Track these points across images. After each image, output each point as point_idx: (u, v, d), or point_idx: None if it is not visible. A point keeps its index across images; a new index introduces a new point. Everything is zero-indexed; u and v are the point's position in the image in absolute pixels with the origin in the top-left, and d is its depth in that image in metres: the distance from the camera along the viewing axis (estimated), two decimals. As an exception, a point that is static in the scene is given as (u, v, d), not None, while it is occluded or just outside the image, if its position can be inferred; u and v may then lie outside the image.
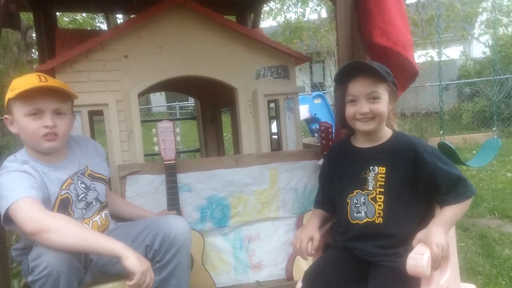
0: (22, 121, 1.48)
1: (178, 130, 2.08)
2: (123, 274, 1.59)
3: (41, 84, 1.47)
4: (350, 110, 1.49)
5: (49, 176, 1.52)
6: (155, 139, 2.01)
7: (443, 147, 2.93)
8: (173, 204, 1.98)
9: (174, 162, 2.00)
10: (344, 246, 1.54)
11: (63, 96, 1.54)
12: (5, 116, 1.55)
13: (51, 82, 1.52)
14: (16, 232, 3.01)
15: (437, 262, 1.34)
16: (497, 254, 2.67)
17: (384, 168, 1.48)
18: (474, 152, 6.02)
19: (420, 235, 1.40)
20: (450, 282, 1.47)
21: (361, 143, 1.57)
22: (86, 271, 1.48)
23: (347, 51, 2.12)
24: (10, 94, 1.49)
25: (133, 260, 1.35)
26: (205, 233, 2.14)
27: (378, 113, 1.46)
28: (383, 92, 1.47)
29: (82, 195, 1.59)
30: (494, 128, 3.40)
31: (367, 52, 2.09)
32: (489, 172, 5.12)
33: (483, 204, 3.78)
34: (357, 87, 1.47)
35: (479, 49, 13.21)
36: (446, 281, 1.45)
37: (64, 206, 1.53)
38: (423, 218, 1.48)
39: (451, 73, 10.71)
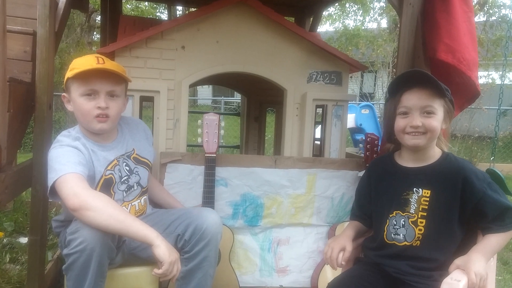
0: (77, 100, 1.55)
1: (222, 124, 2.10)
2: (152, 260, 1.62)
3: (98, 66, 1.53)
4: (400, 122, 1.43)
5: (97, 155, 1.58)
6: (199, 130, 2.04)
7: (492, 174, 2.78)
8: (209, 197, 2.01)
9: (215, 155, 2.02)
10: (375, 262, 1.50)
11: (118, 78, 1.59)
12: (63, 94, 1.63)
13: (108, 64, 1.58)
14: (56, 204, 3.18)
15: None
16: (537, 294, 2.50)
17: (429, 191, 1.42)
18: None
19: (458, 261, 1.34)
20: (484, 316, 1.39)
21: (406, 161, 1.50)
22: (118, 251, 1.52)
23: (407, 63, 2.06)
24: (69, 73, 1.56)
25: (163, 249, 1.37)
26: (235, 230, 2.16)
27: (430, 128, 1.39)
28: (439, 108, 1.40)
29: (125, 177, 1.64)
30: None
31: (428, 67, 2.01)
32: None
33: (528, 240, 3.54)
34: (411, 99, 1.41)
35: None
36: (481, 314, 1.38)
37: (107, 185, 1.59)
38: (463, 243, 1.42)
39: (511, 99, 10.12)
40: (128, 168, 1.66)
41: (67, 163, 1.45)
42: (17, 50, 1.84)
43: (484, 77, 8.95)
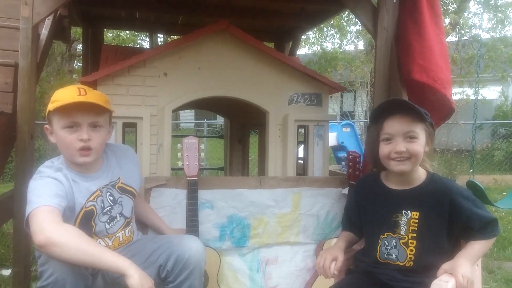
0: (59, 133, 1.54)
1: (203, 147, 2.11)
2: None
3: (79, 99, 1.51)
4: (384, 148, 1.47)
5: (79, 186, 1.56)
6: (179, 154, 2.05)
7: (472, 186, 2.87)
8: (192, 220, 1.99)
9: (196, 178, 2.02)
10: (368, 270, 1.53)
11: (101, 109, 1.58)
12: (46, 126, 1.62)
13: (90, 95, 1.56)
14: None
15: None
16: (523, 301, 2.56)
17: (417, 213, 1.47)
18: (504, 193, 5.81)
19: (446, 265, 1.39)
20: (471, 322, 1.43)
21: (393, 184, 1.54)
22: (96, 276, 1.49)
23: (384, 85, 2.14)
24: (50, 106, 1.54)
25: (136, 279, 1.36)
26: (223, 252, 2.16)
27: (414, 153, 1.43)
28: (421, 132, 1.44)
29: (108, 208, 1.62)
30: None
31: (404, 87, 2.09)
32: (519, 215, 4.92)
33: (510, 247, 3.65)
34: (393, 126, 1.45)
35: (518, 91, 12.86)
36: (468, 319, 1.41)
37: (87, 217, 1.57)
38: (450, 252, 1.47)
39: (486, 113, 10.46)
40: (112, 198, 1.64)
41: (44, 195, 1.44)
42: (-1, 81, 1.86)
43: (459, 93, 9.25)
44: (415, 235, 1.46)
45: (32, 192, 1.46)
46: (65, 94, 1.54)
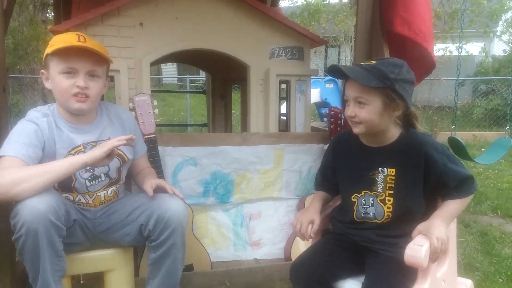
0: (56, 77, 1.50)
1: (155, 103, 2.01)
2: (119, 243, 1.65)
3: (79, 44, 1.48)
4: (345, 110, 1.46)
5: (62, 135, 1.53)
6: (132, 113, 1.92)
7: (453, 142, 2.92)
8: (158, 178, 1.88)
9: (154, 136, 1.94)
10: (343, 231, 1.55)
11: (99, 59, 1.54)
12: (42, 71, 1.57)
13: (89, 43, 1.52)
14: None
15: (436, 255, 1.34)
16: (496, 252, 2.67)
17: (394, 170, 1.45)
18: (483, 149, 5.96)
19: (421, 226, 1.39)
20: (447, 276, 1.48)
21: (368, 141, 1.52)
22: (73, 228, 1.49)
23: (366, 37, 2.08)
24: (48, 49, 1.50)
25: (96, 153, 1.41)
26: (207, 207, 2.17)
27: (362, 119, 1.40)
28: (372, 99, 1.38)
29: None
30: (506, 127, 3.37)
31: (385, 41, 2.04)
32: (496, 171, 5.08)
33: (486, 202, 3.77)
34: (348, 89, 1.43)
35: (500, 47, 12.92)
36: (443, 274, 1.46)
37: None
38: (425, 210, 1.48)
39: (468, 69, 10.52)
40: None
41: (16, 143, 1.43)
42: (-37, 30, 1.73)
43: (442, 49, 9.22)
44: (392, 192, 1.45)
45: (9, 136, 1.46)
46: (64, 39, 1.51)
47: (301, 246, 2.16)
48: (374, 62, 1.41)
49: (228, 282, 1.96)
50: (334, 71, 1.46)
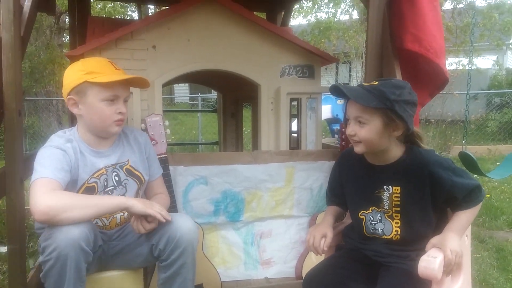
0: (97, 104, 1.55)
1: (167, 123, 2.04)
2: (131, 265, 1.67)
3: (120, 74, 1.59)
4: (346, 128, 1.49)
5: (85, 160, 1.57)
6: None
7: (464, 157, 2.88)
8: (169, 198, 1.90)
9: (165, 155, 1.97)
10: (355, 247, 1.55)
11: (130, 84, 1.65)
12: (70, 96, 1.58)
13: (122, 71, 1.64)
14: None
15: (450, 268, 1.33)
16: (512, 268, 2.62)
17: (398, 188, 1.46)
18: (498, 163, 5.85)
19: (434, 240, 1.39)
20: (461, 291, 1.46)
21: (372, 160, 1.53)
22: (97, 254, 1.51)
23: (376, 54, 2.10)
24: (87, 77, 1.53)
25: (139, 205, 1.45)
26: (218, 226, 2.18)
27: (362, 138, 1.42)
28: (372, 119, 1.40)
29: (110, 188, 1.62)
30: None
31: (396, 57, 2.06)
32: (512, 185, 4.99)
33: (502, 217, 3.71)
34: (349, 108, 1.46)
35: (514, 60, 12.82)
36: (458, 289, 1.44)
37: (87, 194, 1.56)
38: (437, 223, 1.48)
39: (481, 83, 10.43)
40: (117, 179, 1.64)
41: (49, 166, 1.45)
42: (-18, 56, 1.79)
43: (454, 63, 9.18)
44: (398, 209, 1.46)
45: (39, 161, 1.48)
46: (103, 67, 1.59)
47: (312, 264, 2.14)
48: (376, 83, 1.44)
49: (239, 301, 1.95)
50: (336, 91, 1.48)
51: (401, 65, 2.02)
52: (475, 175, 3.63)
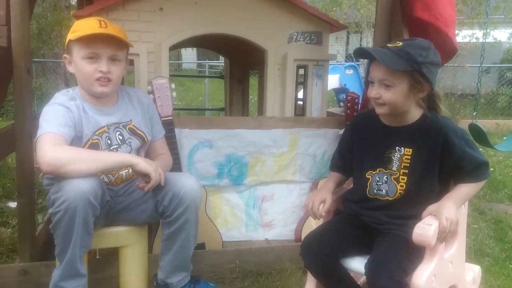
0: (79, 62, 1.57)
1: (173, 86, 2.05)
2: (136, 220, 1.72)
3: (101, 30, 1.54)
4: (369, 90, 1.48)
5: (88, 117, 1.61)
6: (151, 96, 1.98)
7: (474, 129, 2.88)
8: (174, 159, 1.95)
9: (171, 118, 1.99)
10: (354, 212, 1.58)
11: (120, 43, 1.61)
12: (64, 55, 1.64)
13: (111, 29, 1.58)
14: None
15: (444, 235, 1.36)
16: (509, 239, 2.66)
17: (410, 150, 1.48)
18: (505, 138, 5.84)
19: (431, 207, 1.42)
20: (454, 258, 1.50)
21: (388, 121, 1.54)
22: (104, 209, 1.56)
23: (386, 21, 2.07)
24: (71, 35, 1.56)
25: (143, 164, 1.49)
26: (221, 189, 2.24)
27: (388, 101, 1.42)
28: (399, 81, 1.40)
29: (115, 146, 1.65)
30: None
31: (405, 25, 2.03)
32: (516, 159, 4.99)
33: (504, 190, 3.73)
34: (373, 71, 1.44)
35: (529, 34, 12.43)
36: (451, 256, 1.48)
37: (92, 149, 1.60)
38: (438, 193, 1.50)
39: (495, 56, 10.18)
40: (121, 138, 1.67)
41: (53, 122, 1.49)
42: (-9, 13, 1.81)
43: (468, 36, 8.96)
44: (406, 171, 1.48)
45: (43, 117, 1.52)
46: (87, 25, 1.57)
47: (311, 228, 2.20)
48: (400, 44, 1.42)
49: (238, 261, 2.02)
50: (362, 53, 1.48)
51: (410, 33, 2.00)
52: (483, 147, 3.64)
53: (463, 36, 8.84)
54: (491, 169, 4.47)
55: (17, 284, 1.82)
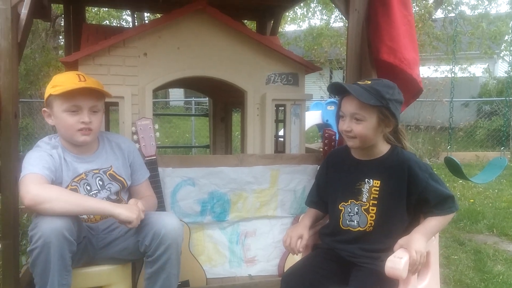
0: (61, 115, 1.66)
1: (156, 126, 2.13)
2: (118, 258, 1.75)
3: (82, 84, 1.64)
4: (339, 124, 1.60)
5: (68, 165, 1.69)
6: (135, 137, 2.07)
7: (449, 162, 3.00)
8: (158, 198, 2.00)
9: (155, 157, 2.06)
10: (330, 246, 1.64)
11: (99, 95, 1.71)
12: (44, 109, 1.74)
13: (90, 82, 1.69)
14: (27, 211, 3.19)
15: (415, 267, 1.43)
16: (488, 269, 2.73)
17: (378, 182, 1.57)
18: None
19: (402, 241, 1.49)
20: (428, 288, 1.56)
21: (358, 155, 1.65)
22: (82, 244, 1.60)
23: (356, 64, 2.21)
24: (51, 90, 1.66)
25: (125, 214, 1.53)
26: (204, 226, 2.28)
27: (358, 133, 1.53)
28: (369, 115, 1.51)
29: (95, 191, 1.72)
30: (502, 148, 3.46)
31: (373, 67, 2.17)
32: (496, 190, 5.14)
33: (483, 221, 3.82)
34: (345, 105, 1.56)
35: (505, 68, 13.03)
36: (424, 286, 1.54)
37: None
38: (408, 226, 1.57)
39: (472, 90, 10.61)
40: (101, 183, 1.74)
41: (36, 164, 1.57)
42: (-19, 61, 1.88)
43: (446, 71, 9.35)
44: (375, 202, 1.56)
45: (26, 161, 1.61)
46: (66, 80, 1.67)
47: (294, 262, 2.24)
48: (369, 82, 1.55)
49: (223, 297, 2.04)
50: (334, 89, 1.60)
51: (378, 74, 2.14)
52: (460, 179, 3.74)
53: (441, 71, 9.24)
54: (471, 200, 4.60)
55: (-1, 328, 1.80)
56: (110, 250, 1.72)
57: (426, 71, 8.72)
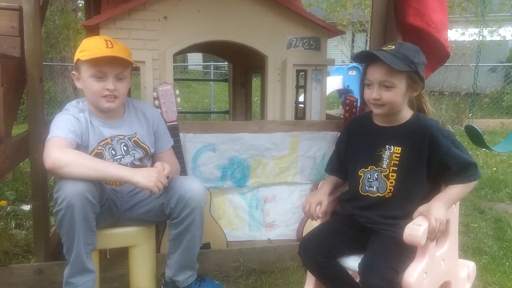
0: (87, 81, 1.69)
1: (178, 92, 2.13)
2: (142, 220, 1.81)
3: (108, 51, 1.66)
4: (366, 93, 1.57)
5: (94, 129, 1.73)
6: (156, 102, 2.08)
7: (470, 130, 2.93)
8: (180, 163, 2.03)
9: (176, 123, 2.07)
10: (349, 213, 1.66)
11: (126, 62, 1.72)
12: (73, 72, 1.77)
13: (117, 49, 1.70)
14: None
15: (434, 235, 1.42)
16: (508, 237, 2.71)
17: (399, 148, 1.56)
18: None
19: (421, 208, 1.48)
20: (446, 255, 1.57)
21: (380, 121, 1.63)
22: (104, 210, 1.65)
23: (380, 28, 2.14)
24: (79, 55, 1.68)
25: (142, 183, 1.54)
26: (224, 191, 2.32)
27: (388, 101, 1.51)
28: (399, 82, 1.49)
29: (119, 157, 1.76)
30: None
31: (399, 31, 2.10)
32: (521, 158, 5.01)
33: (505, 190, 3.76)
34: (372, 73, 1.52)
35: (536, 31, 12.36)
36: (442, 254, 1.55)
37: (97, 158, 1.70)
38: (428, 194, 1.56)
39: (500, 55, 10.16)
40: (125, 149, 1.78)
41: (62, 128, 1.62)
42: (5, 26, 1.90)
43: (475, 34, 8.95)
44: (396, 168, 1.56)
45: (54, 123, 1.65)
46: (94, 45, 1.68)
47: (313, 227, 2.28)
48: (393, 47, 1.52)
49: (242, 260, 2.11)
50: (363, 57, 1.57)
51: (404, 39, 2.06)
52: (481, 148, 3.66)
53: (469, 34, 8.85)
54: (494, 168, 4.53)
55: (33, 283, 1.92)
56: (135, 212, 1.78)
57: (453, 34, 8.38)
